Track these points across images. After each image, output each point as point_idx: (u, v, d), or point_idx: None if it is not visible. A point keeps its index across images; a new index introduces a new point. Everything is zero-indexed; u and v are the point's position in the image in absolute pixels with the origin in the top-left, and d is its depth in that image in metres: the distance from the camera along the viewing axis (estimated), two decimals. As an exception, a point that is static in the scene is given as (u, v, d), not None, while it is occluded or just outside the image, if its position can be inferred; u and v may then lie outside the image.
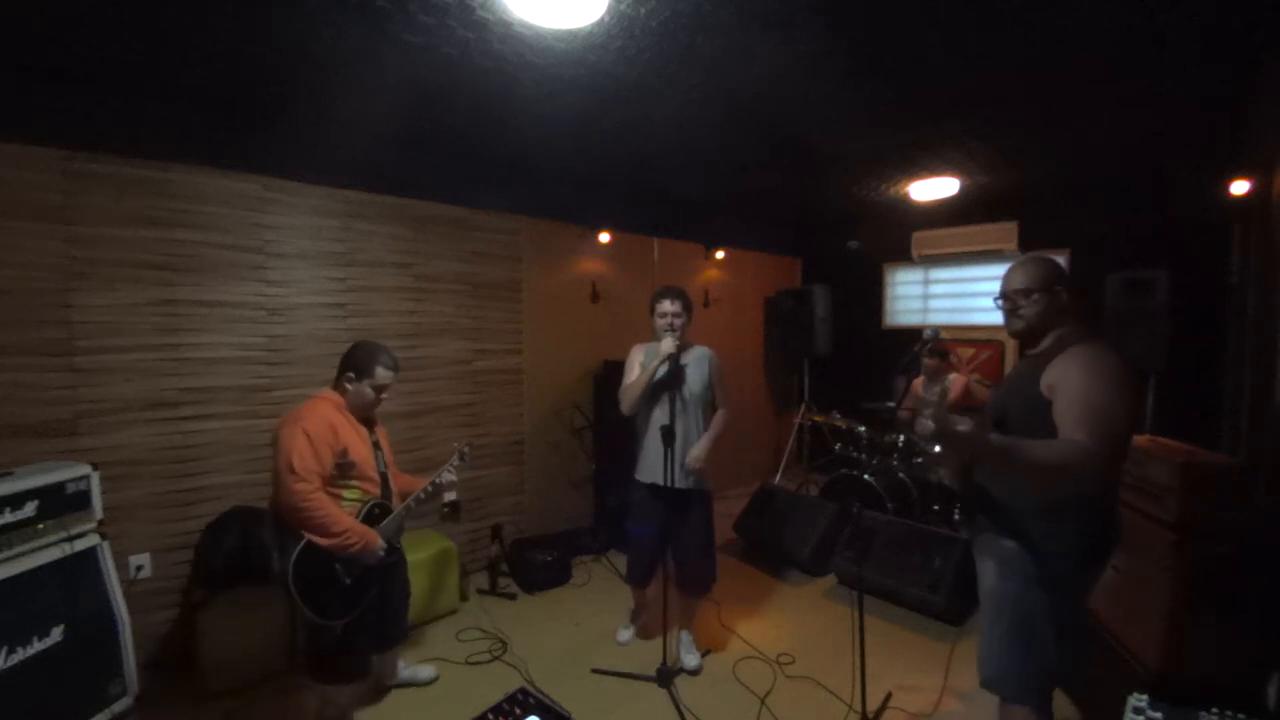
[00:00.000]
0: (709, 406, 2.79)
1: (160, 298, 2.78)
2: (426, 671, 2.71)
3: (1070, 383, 1.58)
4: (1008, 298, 1.83)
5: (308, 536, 2.05)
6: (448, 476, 2.39)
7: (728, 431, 2.80)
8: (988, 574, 1.80)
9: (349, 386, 2.24)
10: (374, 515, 2.25)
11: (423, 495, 2.36)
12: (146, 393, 2.76)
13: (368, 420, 2.36)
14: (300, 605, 2.06)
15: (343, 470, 2.16)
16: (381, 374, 2.25)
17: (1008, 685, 1.73)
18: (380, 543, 2.19)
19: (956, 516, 1.66)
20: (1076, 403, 1.54)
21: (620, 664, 2.86)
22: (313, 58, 2.29)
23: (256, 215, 3.04)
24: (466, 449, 2.53)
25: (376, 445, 2.37)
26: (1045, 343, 1.76)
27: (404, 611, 2.59)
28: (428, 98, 2.68)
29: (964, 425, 1.49)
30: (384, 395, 2.30)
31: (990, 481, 1.80)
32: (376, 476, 2.30)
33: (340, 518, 2.09)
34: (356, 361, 2.24)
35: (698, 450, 2.66)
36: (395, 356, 2.33)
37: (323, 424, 2.11)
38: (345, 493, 2.19)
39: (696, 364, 2.75)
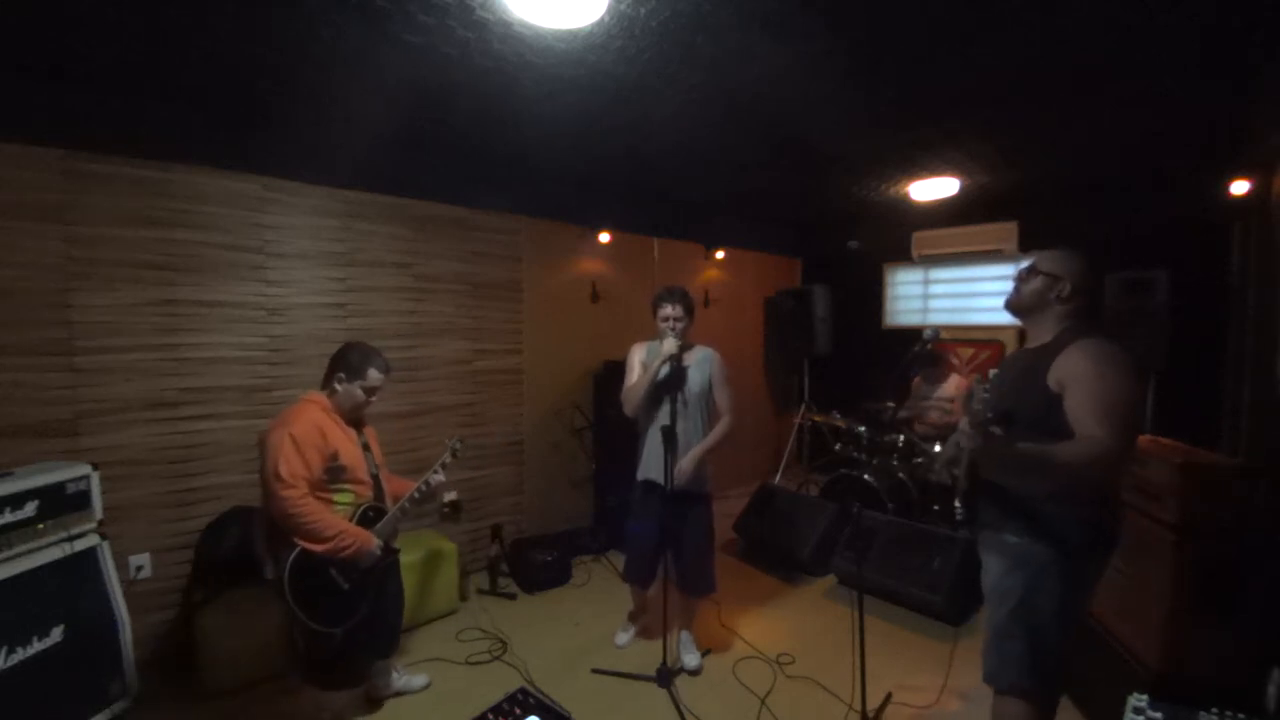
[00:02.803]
0: (711, 408, 2.78)
1: (160, 298, 2.78)
2: (419, 679, 2.68)
3: (1083, 377, 1.60)
4: (1020, 272, 1.87)
5: (301, 544, 2.02)
6: (436, 478, 2.35)
7: (729, 439, 2.74)
8: (991, 570, 1.80)
9: (339, 387, 2.22)
10: (368, 518, 2.23)
11: (416, 495, 2.32)
12: (146, 393, 2.76)
13: (356, 421, 2.33)
14: (298, 614, 2.03)
15: (334, 474, 2.13)
16: (373, 376, 2.25)
17: (1004, 677, 1.74)
18: (376, 543, 2.17)
19: (958, 515, 1.66)
20: (1091, 397, 1.57)
21: (620, 664, 2.86)
22: (313, 58, 2.28)
23: (256, 215, 3.04)
24: (459, 444, 2.47)
25: (366, 447, 2.35)
26: (1046, 337, 1.77)
27: (400, 618, 2.56)
28: (428, 98, 2.68)
29: (998, 430, 1.52)
30: (374, 397, 2.28)
31: (996, 476, 1.80)
32: (368, 479, 2.28)
33: (333, 522, 2.06)
34: (350, 362, 2.22)
35: (685, 462, 2.63)
36: (387, 359, 2.32)
37: (310, 428, 2.08)
38: (337, 497, 2.16)
39: (698, 365, 2.75)
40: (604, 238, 4.54)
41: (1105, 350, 1.63)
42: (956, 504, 1.89)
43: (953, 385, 4.34)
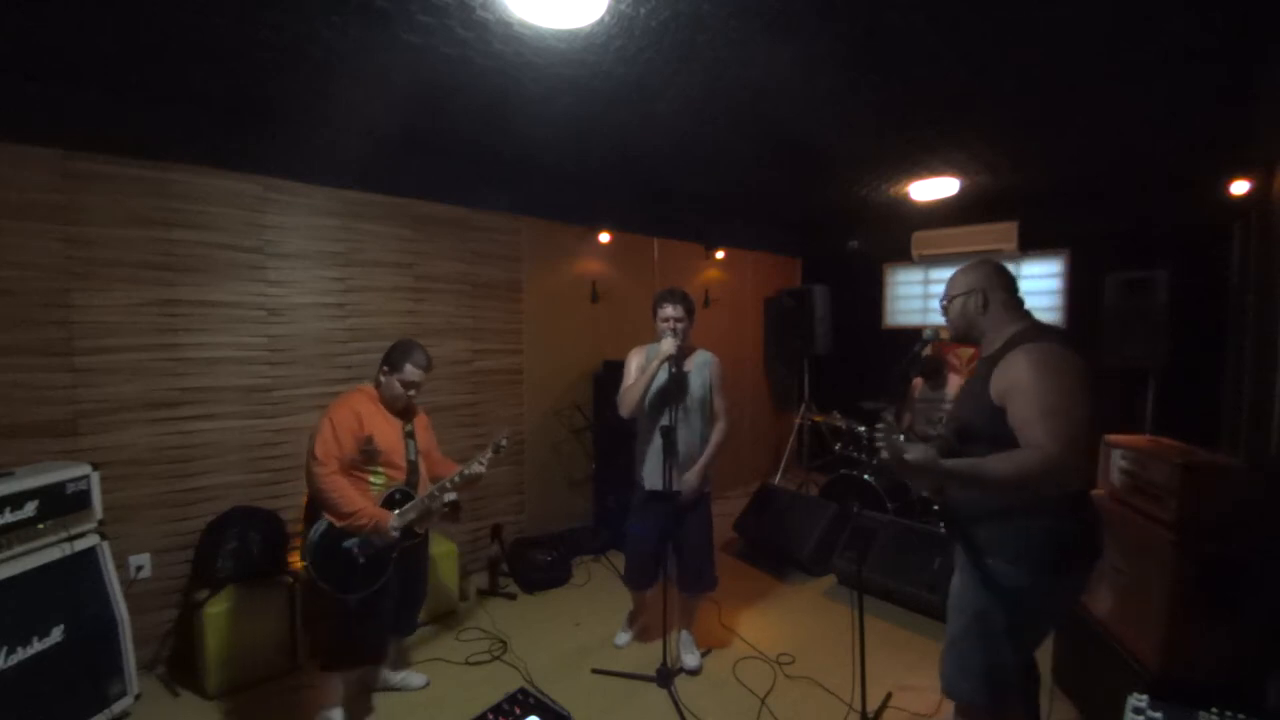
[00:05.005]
0: (712, 412, 2.78)
1: (160, 298, 2.78)
2: (418, 679, 2.70)
3: (1020, 387, 1.55)
4: (941, 305, 1.92)
5: (327, 518, 2.19)
6: (476, 468, 2.41)
7: (726, 442, 2.78)
8: (955, 580, 1.84)
9: (382, 379, 2.37)
10: (394, 500, 2.34)
11: (448, 485, 2.38)
12: (146, 393, 2.76)
13: (405, 411, 2.44)
14: (315, 577, 2.18)
15: (368, 457, 2.27)
16: (410, 370, 2.34)
17: (957, 687, 1.75)
18: (391, 522, 2.25)
19: (942, 527, 1.70)
20: (1030, 408, 1.51)
21: (620, 664, 2.86)
22: (313, 58, 2.28)
23: (256, 215, 3.04)
24: (504, 441, 2.50)
25: (410, 435, 2.45)
26: (995, 345, 1.74)
27: (418, 604, 2.64)
28: (428, 98, 2.68)
29: (914, 454, 1.44)
30: (412, 391, 2.37)
31: (950, 490, 1.83)
32: (403, 464, 2.38)
33: (352, 499, 2.19)
34: (392, 357, 2.36)
35: (690, 477, 2.66)
36: (428, 355, 2.41)
37: (349, 413, 2.25)
38: (371, 478, 2.30)
39: (699, 370, 2.74)
40: (604, 238, 4.53)
41: (1042, 353, 1.57)
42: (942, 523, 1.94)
43: (954, 386, 4.34)
